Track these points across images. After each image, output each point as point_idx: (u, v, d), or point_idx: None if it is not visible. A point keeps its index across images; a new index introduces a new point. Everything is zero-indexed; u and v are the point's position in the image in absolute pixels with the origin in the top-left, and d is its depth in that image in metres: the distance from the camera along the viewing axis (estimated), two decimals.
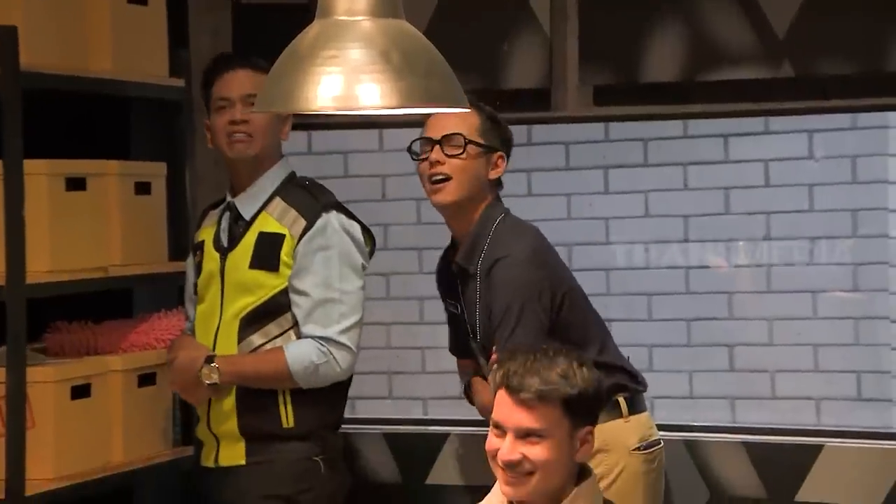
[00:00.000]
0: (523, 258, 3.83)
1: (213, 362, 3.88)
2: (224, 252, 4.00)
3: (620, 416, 3.80)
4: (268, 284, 3.91)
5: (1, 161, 3.77)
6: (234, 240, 3.98)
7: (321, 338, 3.88)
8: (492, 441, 2.89)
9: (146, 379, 4.24)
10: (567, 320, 3.84)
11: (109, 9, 4.18)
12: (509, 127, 4.01)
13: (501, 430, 2.87)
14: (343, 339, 3.89)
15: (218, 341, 3.97)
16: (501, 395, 2.88)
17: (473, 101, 3.89)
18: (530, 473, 2.85)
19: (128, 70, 4.25)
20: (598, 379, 2.92)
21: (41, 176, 3.90)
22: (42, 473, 3.87)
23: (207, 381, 3.88)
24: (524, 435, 2.84)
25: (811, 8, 4.37)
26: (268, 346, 3.92)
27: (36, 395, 3.86)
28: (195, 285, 4.04)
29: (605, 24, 4.55)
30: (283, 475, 3.93)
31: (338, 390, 3.97)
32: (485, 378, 3.88)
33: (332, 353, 3.87)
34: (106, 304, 4.40)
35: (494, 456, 2.88)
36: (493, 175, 3.91)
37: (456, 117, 3.87)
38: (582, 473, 2.93)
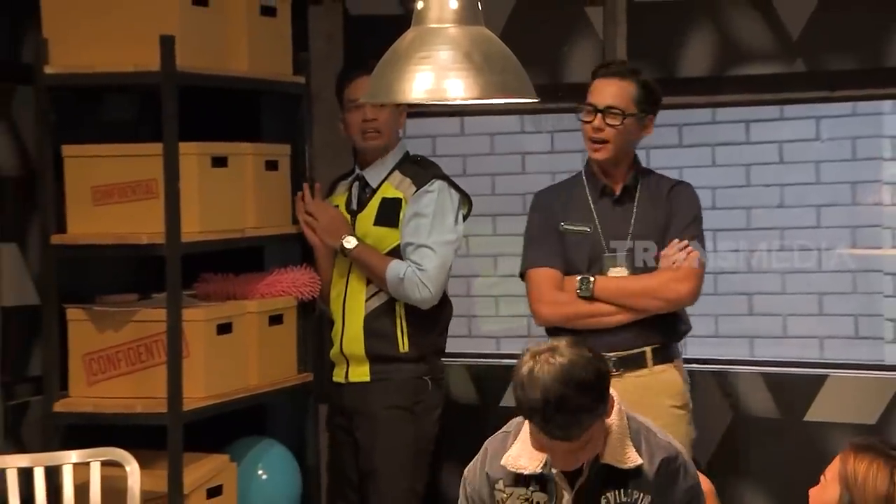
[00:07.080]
0: None
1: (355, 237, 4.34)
2: (354, 214, 4.48)
3: None
4: (389, 237, 4.41)
5: (161, 144, 4.04)
6: (362, 204, 4.46)
7: (417, 264, 4.32)
8: None
9: (275, 319, 4.50)
10: None
11: (246, 19, 4.42)
12: (659, 89, 4.19)
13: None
14: (428, 275, 4.30)
15: (350, 280, 4.43)
16: None
17: (633, 71, 4.12)
18: None
19: (260, 70, 4.47)
20: None
21: (192, 156, 4.15)
22: (195, 393, 4.15)
23: (347, 245, 4.36)
24: None
25: (820, 13, 4.55)
26: None
27: (189, 331, 4.13)
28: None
29: (649, 29, 4.78)
30: (400, 390, 4.38)
31: (440, 324, 4.41)
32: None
33: (419, 278, 4.30)
34: (243, 259, 4.66)
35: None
36: (645, 134, 4.16)
37: (617, 87, 4.07)
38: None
